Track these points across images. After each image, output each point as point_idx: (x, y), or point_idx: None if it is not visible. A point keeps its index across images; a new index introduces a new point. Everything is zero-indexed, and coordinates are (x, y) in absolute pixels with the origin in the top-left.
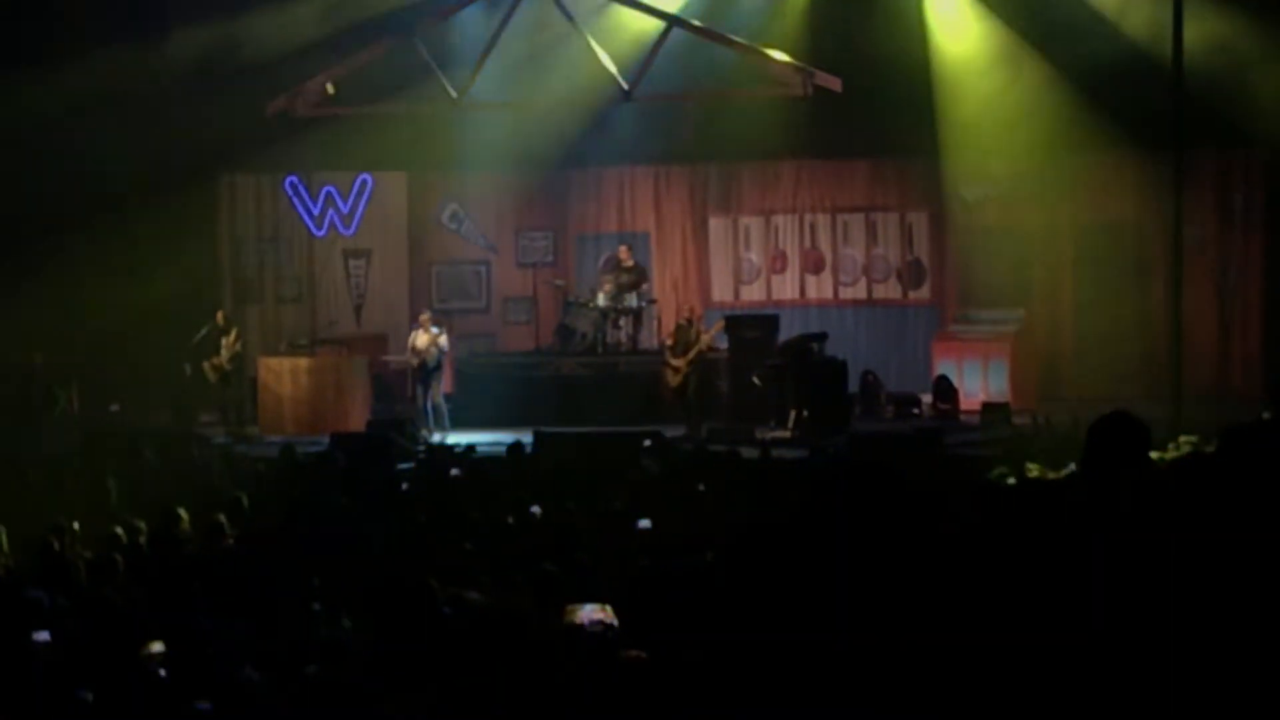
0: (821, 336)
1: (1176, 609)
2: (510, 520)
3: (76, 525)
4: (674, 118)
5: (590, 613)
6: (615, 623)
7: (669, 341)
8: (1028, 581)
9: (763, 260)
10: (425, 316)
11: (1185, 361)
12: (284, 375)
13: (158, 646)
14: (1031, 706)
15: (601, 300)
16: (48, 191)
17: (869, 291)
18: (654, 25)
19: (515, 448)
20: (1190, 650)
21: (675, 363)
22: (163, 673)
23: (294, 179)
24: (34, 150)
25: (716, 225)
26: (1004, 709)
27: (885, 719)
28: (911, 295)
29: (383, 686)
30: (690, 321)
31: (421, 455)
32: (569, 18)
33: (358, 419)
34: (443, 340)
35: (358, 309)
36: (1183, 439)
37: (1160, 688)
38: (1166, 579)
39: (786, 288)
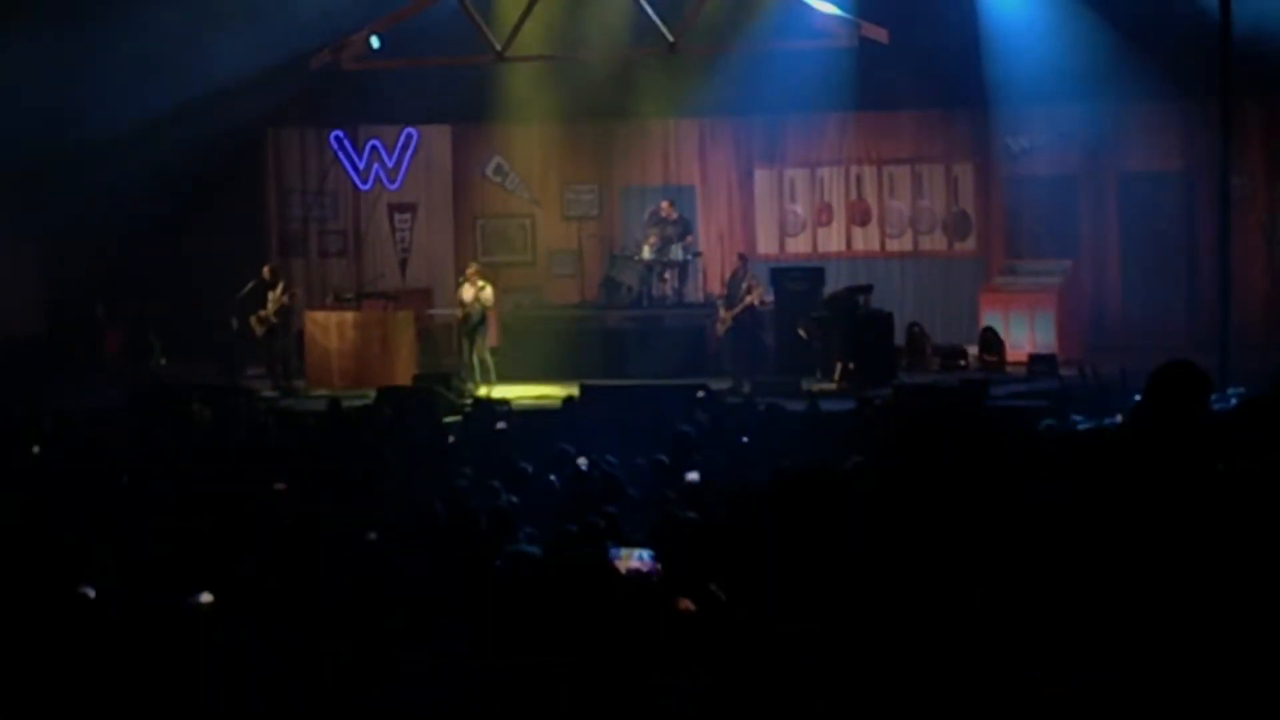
0: (867, 289)
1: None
2: (559, 472)
3: (125, 478)
4: (719, 70)
5: (636, 561)
6: (657, 568)
7: (723, 293)
8: (1081, 533)
9: (808, 212)
10: (472, 269)
11: (1232, 311)
12: (330, 329)
13: (207, 597)
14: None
15: (646, 253)
16: (97, 145)
17: (915, 243)
18: None
19: (569, 401)
20: (1240, 597)
21: (722, 314)
22: (207, 624)
23: (339, 133)
24: (81, 105)
25: (762, 178)
26: (1052, 653)
27: (930, 666)
28: (957, 247)
29: (434, 636)
30: (739, 273)
31: (468, 409)
32: None
33: (404, 373)
34: (488, 294)
35: (403, 263)
36: (1232, 390)
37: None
38: (1221, 526)
39: (832, 240)
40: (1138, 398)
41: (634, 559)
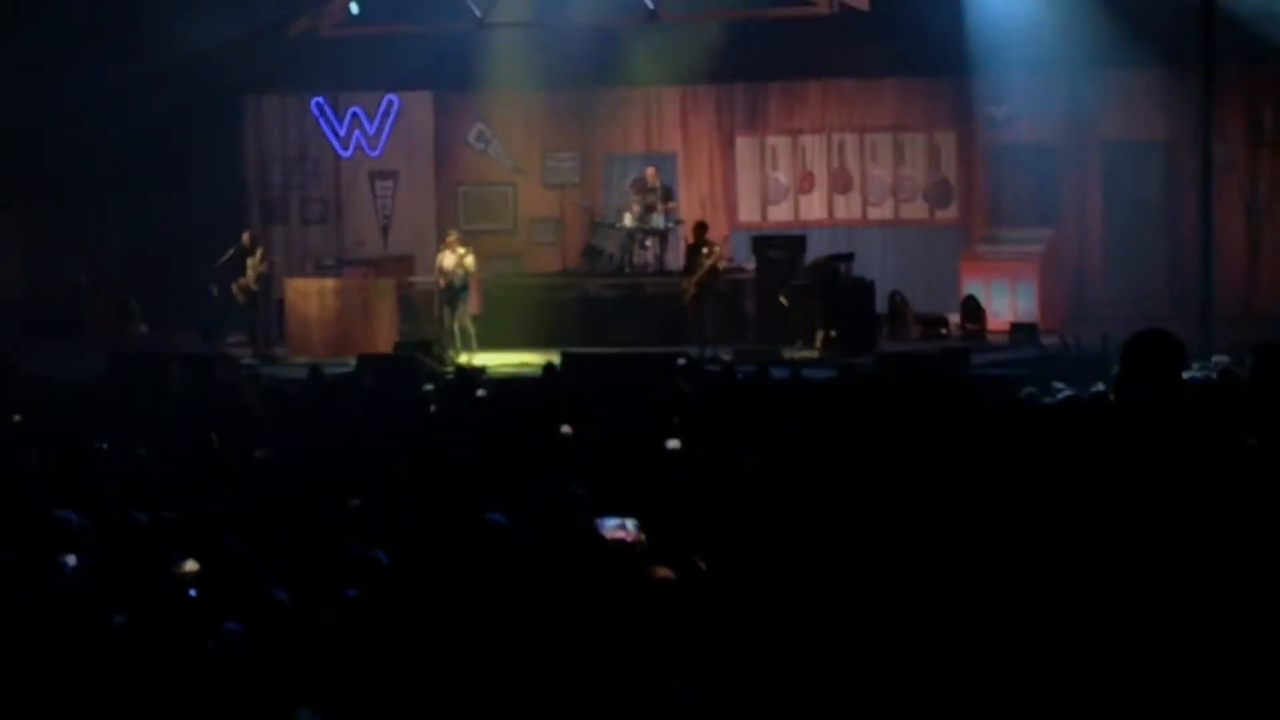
0: (849, 257)
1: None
2: (540, 440)
3: (105, 446)
4: (700, 37)
5: (620, 530)
6: (642, 538)
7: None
8: (1060, 499)
9: (790, 180)
10: (452, 237)
11: (1214, 279)
12: (311, 296)
13: (192, 565)
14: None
15: (628, 221)
16: (77, 111)
17: (896, 211)
18: None
19: (549, 369)
20: (1216, 571)
21: (684, 283)
22: (193, 593)
23: (320, 100)
24: (61, 71)
25: (744, 145)
26: (1030, 624)
27: (911, 638)
28: (939, 215)
29: (421, 607)
30: (700, 242)
31: (449, 376)
32: None
33: (385, 340)
34: (469, 261)
35: (384, 230)
36: (1215, 359)
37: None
38: (1196, 498)
39: (814, 208)
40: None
41: (617, 528)
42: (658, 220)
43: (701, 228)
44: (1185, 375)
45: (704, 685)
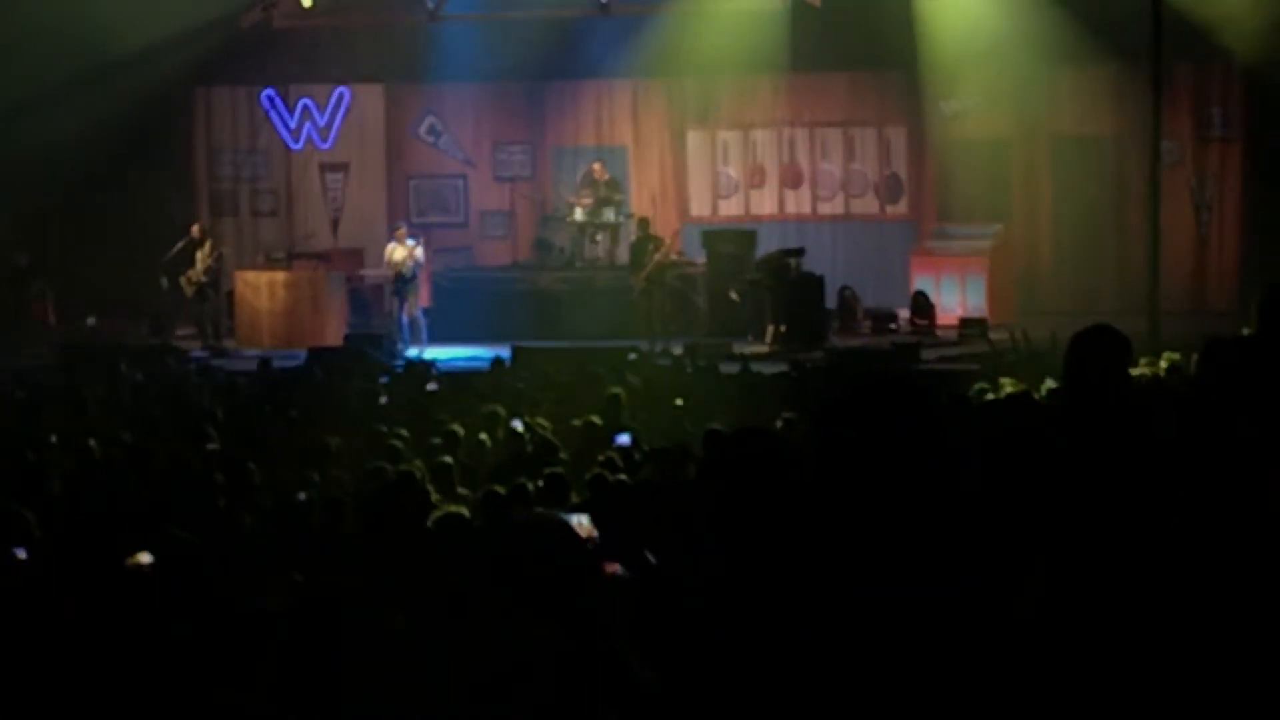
0: (799, 252)
1: (1157, 529)
2: (489, 434)
3: (54, 438)
4: (651, 31)
5: (574, 525)
6: (594, 535)
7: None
8: (1012, 497)
9: (741, 175)
10: (401, 230)
11: (1162, 276)
12: (261, 289)
13: (145, 558)
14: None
15: (579, 215)
16: (24, 102)
17: (847, 206)
18: None
19: (497, 363)
20: (1168, 564)
21: (632, 278)
22: (145, 585)
23: (271, 92)
24: (6, 61)
25: (694, 139)
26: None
27: (862, 634)
28: (889, 210)
29: (369, 597)
30: (645, 238)
31: (399, 369)
32: None
33: (334, 333)
34: (419, 254)
35: (335, 223)
36: (1165, 355)
37: (1138, 596)
38: (1145, 494)
39: (765, 203)
40: None
41: (572, 523)
42: (608, 214)
43: (645, 223)
44: (1133, 372)
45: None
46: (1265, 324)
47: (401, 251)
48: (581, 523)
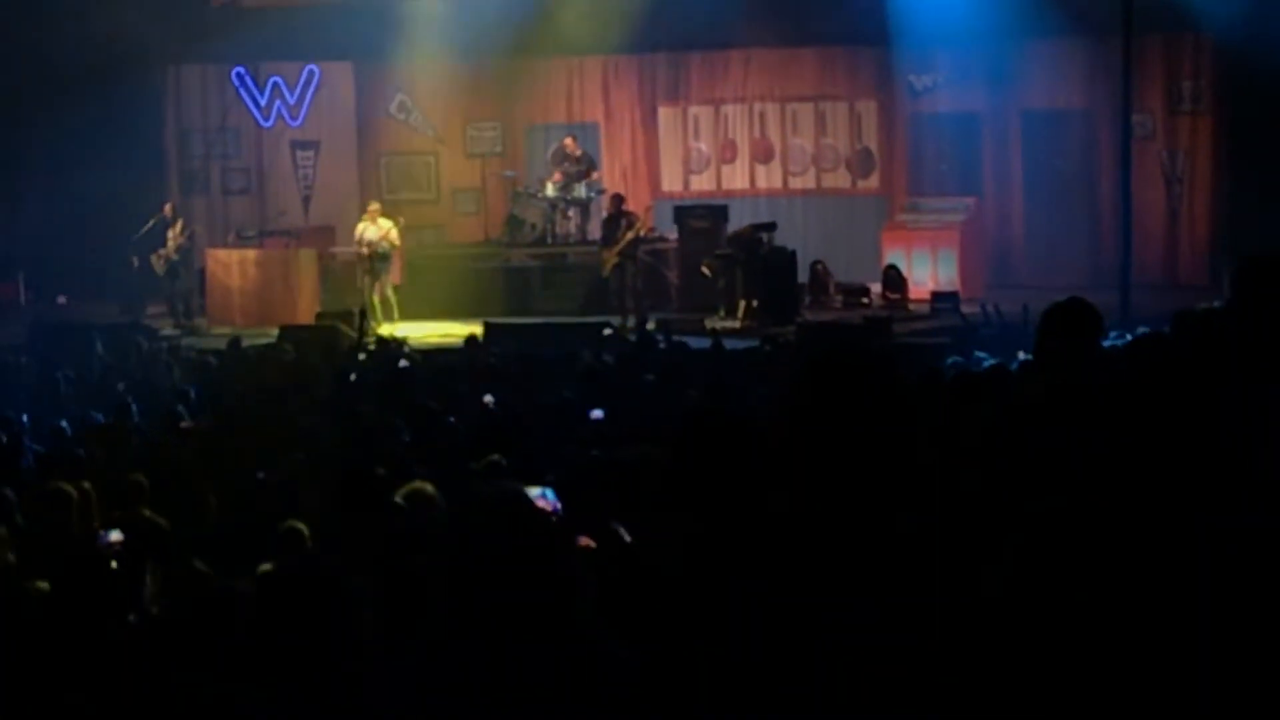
0: (771, 226)
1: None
2: (462, 410)
3: (25, 418)
4: (622, 7)
5: (540, 500)
6: (558, 508)
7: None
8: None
9: (712, 150)
10: (374, 207)
11: (1134, 249)
12: (232, 267)
13: (116, 535)
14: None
15: (550, 191)
16: None
17: (818, 181)
18: None
19: (472, 340)
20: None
21: (604, 254)
22: (114, 565)
23: (241, 70)
24: None
25: (666, 115)
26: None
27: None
28: (860, 185)
29: (339, 578)
30: (618, 213)
31: (371, 347)
32: None
33: (306, 311)
34: (394, 234)
35: (306, 200)
36: (1140, 331)
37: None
38: (1117, 466)
39: (736, 177)
40: None
41: (537, 498)
42: (580, 190)
43: (618, 199)
44: (1104, 344)
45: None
46: (1239, 294)
47: (375, 230)
48: (549, 498)
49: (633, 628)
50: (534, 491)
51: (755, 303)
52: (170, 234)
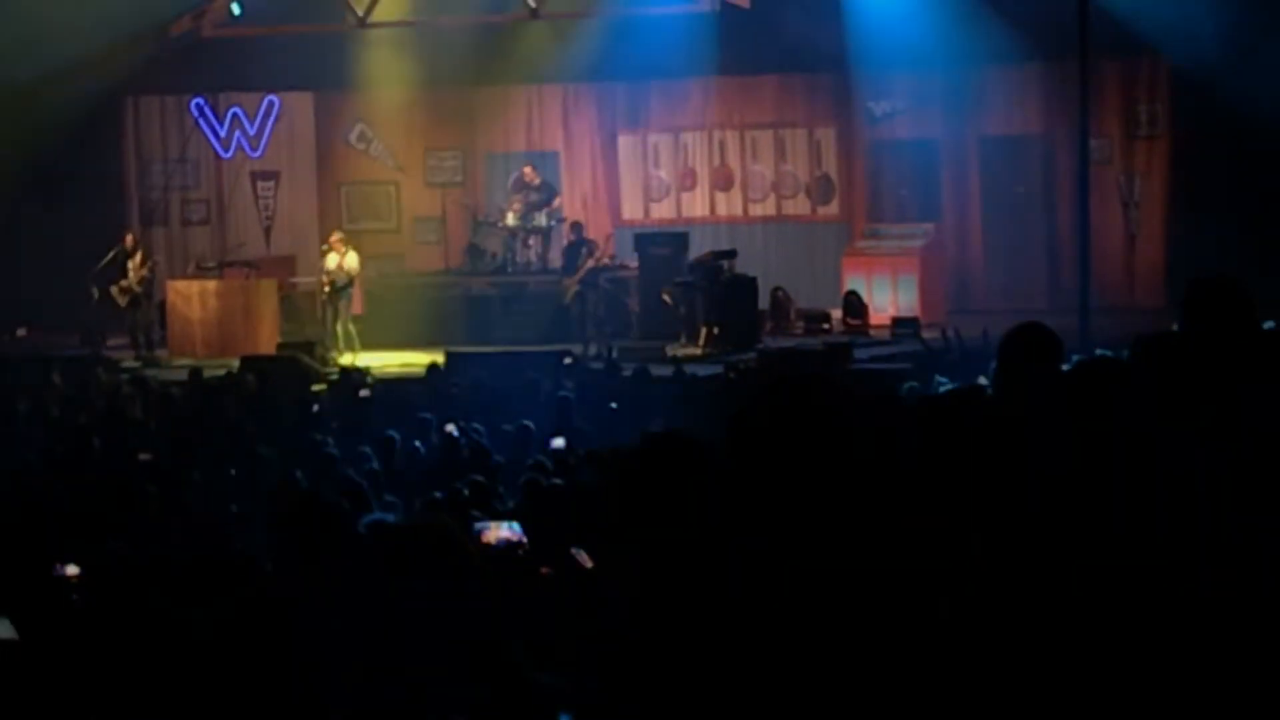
0: (731, 253)
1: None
2: (425, 439)
3: None
4: (581, 35)
5: (506, 531)
6: (524, 539)
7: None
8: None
9: (672, 178)
10: (336, 237)
11: (1092, 273)
12: (193, 298)
13: (73, 569)
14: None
15: (510, 219)
16: None
17: (778, 208)
18: None
19: (433, 369)
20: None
21: (565, 282)
22: (75, 597)
23: (200, 100)
24: None
25: (625, 143)
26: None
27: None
28: (820, 211)
29: (299, 606)
30: (579, 241)
31: (332, 377)
32: None
33: (267, 342)
34: (350, 263)
35: (266, 231)
36: (1098, 354)
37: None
38: (1081, 488)
39: (696, 205)
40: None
41: (503, 530)
42: (540, 219)
43: (578, 227)
44: (1064, 369)
45: (580, 677)
46: (1189, 317)
47: (335, 259)
48: (515, 530)
49: (591, 653)
50: (501, 525)
51: (716, 329)
52: (131, 265)
